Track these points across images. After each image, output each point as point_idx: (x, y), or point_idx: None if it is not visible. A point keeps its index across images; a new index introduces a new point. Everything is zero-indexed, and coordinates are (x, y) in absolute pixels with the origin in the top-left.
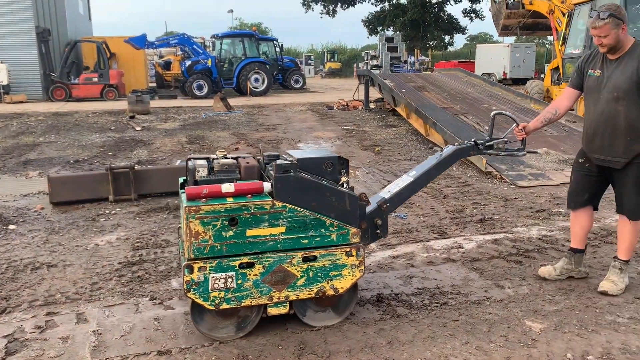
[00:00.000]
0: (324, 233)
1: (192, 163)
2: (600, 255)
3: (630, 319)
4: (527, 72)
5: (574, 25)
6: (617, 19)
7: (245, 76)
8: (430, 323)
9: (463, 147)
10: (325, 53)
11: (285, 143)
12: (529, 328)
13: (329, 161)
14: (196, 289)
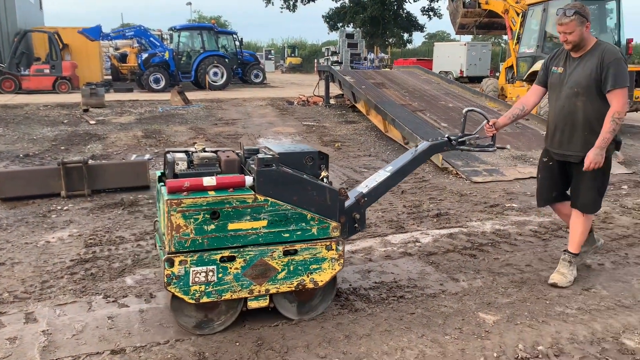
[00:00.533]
0: (305, 227)
1: (170, 156)
2: (550, 249)
3: (578, 309)
4: (483, 70)
5: (527, 25)
6: (582, 16)
7: (204, 70)
8: (387, 317)
9: (437, 143)
10: (286, 48)
11: (244, 138)
12: (482, 320)
13: (310, 156)
14: (176, 283)
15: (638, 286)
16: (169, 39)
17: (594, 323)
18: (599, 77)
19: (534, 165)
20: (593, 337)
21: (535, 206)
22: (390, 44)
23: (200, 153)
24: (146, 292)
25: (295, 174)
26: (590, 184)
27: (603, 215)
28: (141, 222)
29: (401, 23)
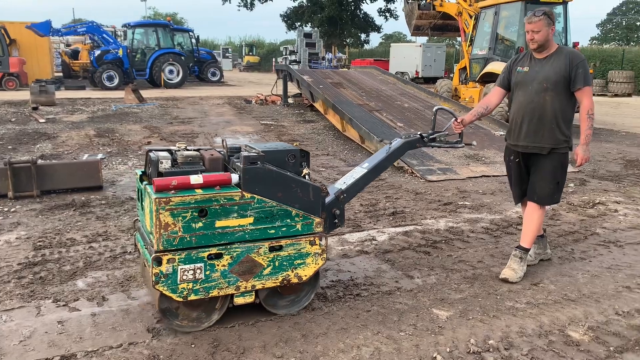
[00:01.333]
0: (289, 223)
1: (154, 155)
2: (501, 245)
3: (527, 304)
4: (438, 71)
5: (480, 28)
6: (549, 18)
7: (159, 67)
8: (344, 315)
9: (410, 140)
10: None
11: (201, 137)
12: (436, 316)
13: (292, 153)
14: (164, 281)
15: (583, 280)
16: (123, 36)
17: (541, 316)
18: (568, 75)
19: (486, 164)
20: (541, 330)
21: (487, 203)
22: (347, 44)
23: (183, 151)
24: (98, 295)
25: (280, 171)
26: (550, 177)
27: (551, 212)
28: (93, 224)
29: (358, 23)
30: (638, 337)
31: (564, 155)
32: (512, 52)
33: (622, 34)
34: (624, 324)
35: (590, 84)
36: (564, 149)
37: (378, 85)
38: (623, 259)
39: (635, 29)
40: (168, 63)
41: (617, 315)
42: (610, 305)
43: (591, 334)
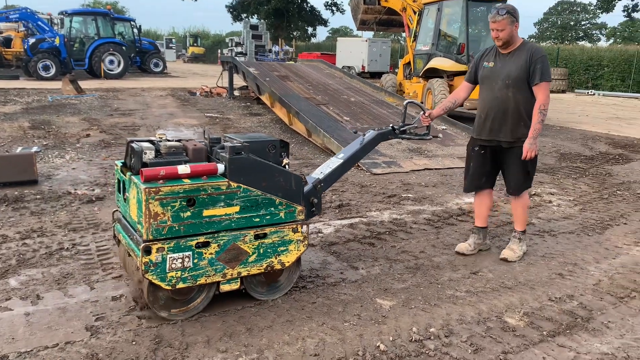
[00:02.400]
0: (273, 211)
1: (137, 145)
2: (442, 236)
3: (466, 292)
4: (383, 66)
5: (424, 23)
6: (512, 16)
7: (99, 57)
8: (289, 307)
9: (382, 132)
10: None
11: (143, 129)
12: (379, 306)
13: (272, 144)
14: (154, 270)
15: (519, 269)
16: (60, 24)
17: (480, 304)
18: (528, 71)
19: (429, 157)
20: (479, 317)
21: (429, 195)
22: (294, 37)
23: (166, 142)
24: (32, 293)
25: (264, 161)
26: (519, 168)
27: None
28: (27, 219)
29: (305, 16)
30: (569, 322)
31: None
32: (454, 49)
33: (558, 32)
34: (556, 309)
35: (547, 80)
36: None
37: (325, 79)
38: (556, 248)
39: (569, 28)
40: (108, 53)
41: (550, 301)
42: (544, 292)
43: (526, 320)
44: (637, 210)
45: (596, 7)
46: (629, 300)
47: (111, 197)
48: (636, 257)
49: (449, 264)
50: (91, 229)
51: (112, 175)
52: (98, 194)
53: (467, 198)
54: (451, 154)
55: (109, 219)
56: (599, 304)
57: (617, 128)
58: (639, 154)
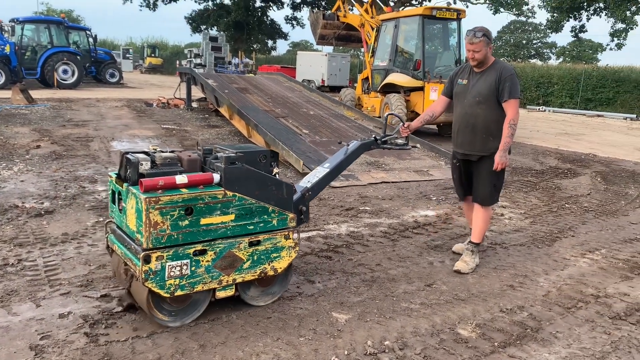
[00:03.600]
0: (267, 219)
1: (133, 157)
2: (398, 248)
3: (421, 304)
4: (343, 80)
5: (381, 40)
6: (488, 39)
7: (52, 67)
8: (243, 323)
9: (365, 142)
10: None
11: (97, 141)
12: (335, 319)
13: (263, 154)
14: (153, 278)
15: (472, 280)
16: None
17: (434, 316)
18: (497, 89)
19: (386, 170)
20: (433, 330)
21: (386, 208)
22: (254, 49)
23: (162, 153)
24: None
25: (258, 171)
26: (487, 180)
27: (444, 216)
28: None
29: (265, 30)
30: (519, 332)
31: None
32: (411, 65)
33: (511, 50)
34: (507, 320)
35: (515, 97)
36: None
37: (284, 92)
38: (508, 260)
39: (521, 46)
40: (62, 62)
41: (502, 312)
42: (496, 303)
43: (478, 331)
44: (584, 223)
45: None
46: (576, 310)
47: (61, 211)
48: (583, 268)
49: (404, 277)
50: (39, 244)
51: (63, 188)
52: (47, 208)
53: (422, 211)
54: (407, 167)
55: (59, 234)
56: (547, 315)
57: (566, 143)
58: (587, 169)
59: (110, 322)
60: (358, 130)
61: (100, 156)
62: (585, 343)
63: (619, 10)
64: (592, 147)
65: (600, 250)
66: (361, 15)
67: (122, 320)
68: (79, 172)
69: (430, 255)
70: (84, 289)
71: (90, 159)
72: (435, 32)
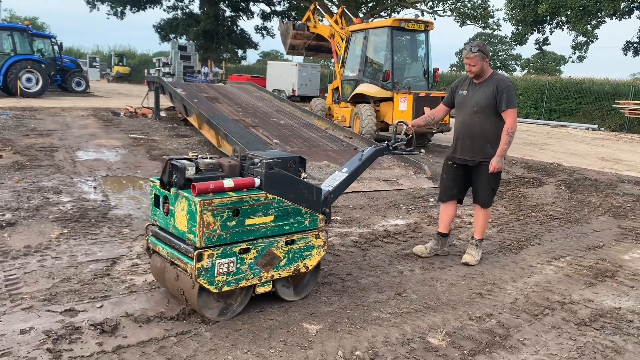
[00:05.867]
0: (300, 220)
1: (180, 163)
2: (369, 257)
3: (391, 313)
4: (313, 90)
5: (351, 50)
6: (483, 53)
7: (15, 75)
8: (212, 335)
9: (379, 148)
10: (113, 56)
11: (61, 150)
12: (306, 330)
13: (293, 160)
14: (205, 275)
15: (441, 289)
16: None
17: (404, 325)
18: (495, 100)
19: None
20: (404, 339)
21: (356, 218)
22: (224, 59)
23: (204, 160)
24: None
25: (293, 175)
26: (486, 184)
27: (414, 225)
28: None
29: (235, 39)
30: (488, 340)
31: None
32: (380, 75)
33: None
34: (477, 328)
35: (512, 107)
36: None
37: (254, 101)
38: (476, 268)
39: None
40: (26, 70)
41: (471, 320)
42: (465, 311)
43: (448, 339)
44: (549, 230)
45: (511, 39)
46: (543, 317)
47: (24, 223)
48: (549, 275)
49: (374, 286)
50: (0, 257)
51: (25, 199)
52: (9, 219)
53: (392, 220)
54: (378, 177)
55: (21, 246)
56: (515, 322)
57: (531, 153)
58: (551, 178)
59: (74, 337)
60: (329, 140)
61: (65, 166)
62: (553, 349)
63: (580, 24)
64: (556, 157)
65: (565, 258)
66: (331, 26)
67: (87, 335)
68: (42, 183)
69: (400, 264)
70: (47, 303)
71: (55, 169)
72: (404, 44)
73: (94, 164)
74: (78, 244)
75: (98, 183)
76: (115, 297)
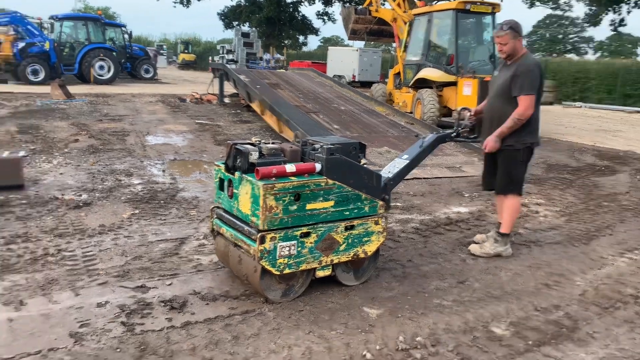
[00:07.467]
0: (360, 206)
1: (244, 147)
2: (430, 245)
3: (453, 301)
4: (374, 76)
5: (414, 35)
6: (515, 31)
7: (89, 63)
8: (276, 315)
9: (441, 135)
10: (179, 44)
11: (132, 135)
12: (367, 314)
13: (353, 146)
14: (267, 257)
15: (505, 278)
16: (50, 29)
17: (467, 313)
18: (511, 83)
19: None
20: (466, 327)
21: (417, 205)
22: (286, 45)
23: (267, 145)
24: (16, 299)
25: (353, 161)
26: (502, 171)
27: (477, 213)
28: (12, 224)
29: (296, 25)
30: (554, 332)
31: (514, 153)
32: (444, 60)
33: (546, 45)
34: (542, 319)
35: (527, 93)
36: (513, 147)
37: (315, 87)
38: (542, 258)
39: (557, 41)
40: (99, 58)
41: (536, 311)
42: (530, 302)
43: (512, 329)
44: (622, 221)
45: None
46: (614, 310)
47: (98, 203)
48: (621, 267)
49: (436, 273)
50: (77, 235)
51: (100, 181)
52: (85, 200)
53: (454, 207)
54: (440, 163)
55: (96, 225)
56: (584, 314)
57: (603, 140)
58: (625, 166)
59: (145, 312)
60: (389, 125)
61: (135, 150)
62: (624, 344)
63: None
64: (630, 144)
65: (639, 250)
66: (393, 9)
67: (157, 310)
68: (115, 166)
69: (462, 252)
70: (121, 279)
71: (126, 153)
72: (470, 27)
73: (163, 148)
74: (148, 224)
75: (166, 166)
76: (183, 276)
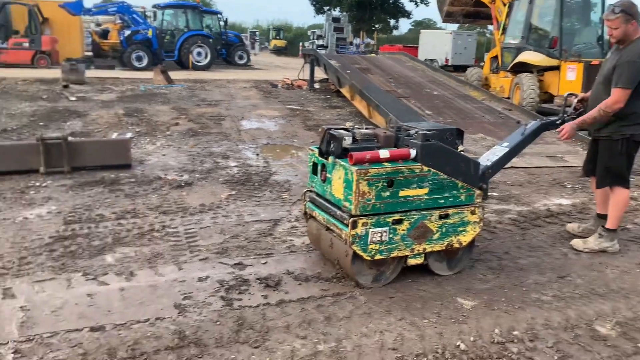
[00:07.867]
0: (456, 194)
1: (337, 132)
2: (528, 237)
3: (553, 296)
4: (468, 59)
5: (513, 16)
6: (628, 15)
7: (188, 49)
8: (367, 300)
9: (545, 122)
10: (271, 30)
11: (228, 119)
12: (460, 305)
13: (450, 132)
14: (359, 242)
15: (612, 275)
16: (153, 17)
17: (568, 310)
18: (613, 72)
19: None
20: (567, 324)
21: (515, 195)
22: (376, 29)
23: (360, 130)
24: (127, 270)
25: (449, 148)
26: (601, 162)
27: (580, 205)
28: (122, 201)
29: (388, 9)
30: None
31: (612, 144)
32: (546, 43)
33: None
34: None
35: (622, 86)
36: (610, 138)
37: (407, 71)
38: None
39: None
40: (196, 45)
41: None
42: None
43: (619, 329)
44: None
45: None
46: None
47: (198, 184)
48: None
49: (535, 267)
50: (180, 213)
51: (199, 163)
52: (186, 180)
53: (555, 199)
54: (540, 152)
55: (197, 204)
56: None
57: None
58: None
59: (243, 288)
60: (485, 111)
61: (231, 134)
62: None
63: None
64: None
65: None
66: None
67: (253, 287)
68: (213, 149)
69: (564, 246)
70: (220, 256)
71: (223, 137)
72: (575, 7)
73: (256, 133)
74: (244, 204)
75: (260, 150)
76: (277, 255)
